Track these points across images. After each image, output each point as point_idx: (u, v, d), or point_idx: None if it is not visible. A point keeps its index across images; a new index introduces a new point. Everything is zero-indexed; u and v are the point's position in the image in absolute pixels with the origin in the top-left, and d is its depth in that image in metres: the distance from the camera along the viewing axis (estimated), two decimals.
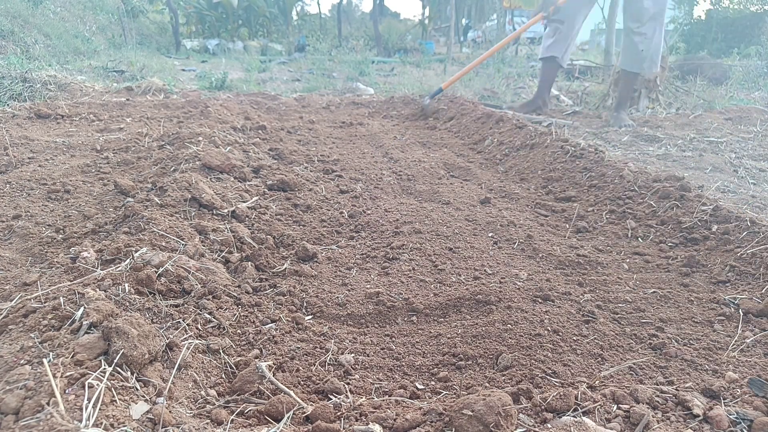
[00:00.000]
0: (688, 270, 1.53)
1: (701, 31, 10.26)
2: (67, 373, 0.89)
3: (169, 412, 0.88)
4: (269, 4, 14.69)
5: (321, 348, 1.15)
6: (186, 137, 2.61)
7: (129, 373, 0.94)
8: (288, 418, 0.90)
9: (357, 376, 1.06)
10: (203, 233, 1.58)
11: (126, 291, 1.18)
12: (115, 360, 0.94)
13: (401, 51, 12.54)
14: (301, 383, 1.03)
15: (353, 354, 1.13)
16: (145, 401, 0.91)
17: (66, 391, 0.86)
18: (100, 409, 0.82)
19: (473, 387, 1.00)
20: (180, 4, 12.89)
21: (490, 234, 1.83)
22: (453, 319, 1.28)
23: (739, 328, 1.20)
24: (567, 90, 6.02)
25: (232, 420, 0.90)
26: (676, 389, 0.94)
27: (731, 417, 0.86)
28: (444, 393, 1.00)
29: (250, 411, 0.93)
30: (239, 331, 1.19)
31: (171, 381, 0.97)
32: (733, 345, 1.13)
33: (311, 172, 2.58)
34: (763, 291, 1.34)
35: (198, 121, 3.23)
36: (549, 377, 1.02)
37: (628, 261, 1.62)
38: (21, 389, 0.84)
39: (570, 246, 1.73)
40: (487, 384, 1.01)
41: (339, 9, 14.70)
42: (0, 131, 2.90)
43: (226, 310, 1.25)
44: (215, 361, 1.08)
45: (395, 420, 0.87)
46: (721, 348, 1.13)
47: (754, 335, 1.17)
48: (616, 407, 0.89)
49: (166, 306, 1.17)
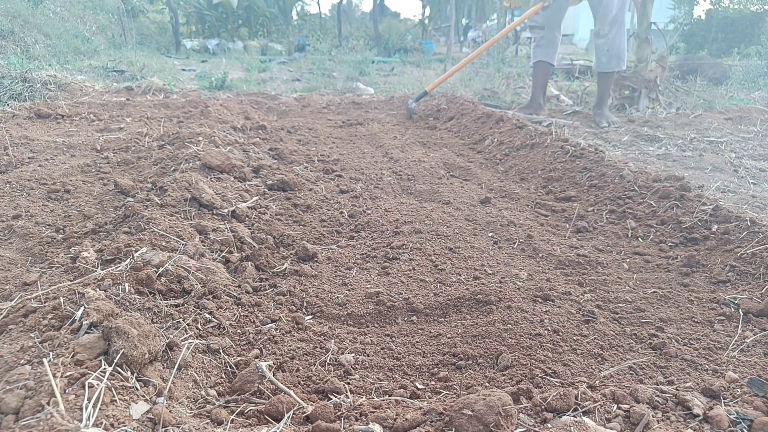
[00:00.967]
0: (688, 270, 1.53)
1: (701, 31, 10.26)
2: (67, 373, 0.89)
3: (169, 411, 0.88)
4: (269, 3, 14.69)
5: (321, 348, 1.15)
6: (186, 137, 2.61)
7: (129, 373, 0.94)
8: (288, 417, 0.90)
9: (357, 375, 1.06)
10: (203, 233, 1.58)
11: (126, 291, 1.18)
12: (115, 360, 0.94)
13: (401, 51, 12.54)
14: (301, 383, 1.03)
15: (353, 354, 1.13)
16: (145, 401, 0.91)
17: (66, 391, 0.86)
18: (100, 409, 0.82)
19: (473, 387, 1.00)
20: (180, 3, 12.89)
21: (490, 234, 1.83)
22: (453, 319, 1.28)
23: (739, 327, 1.20)
24: (567, 90, 6.02)
25: (232, 420, 0.90)
26: (676, 389, 0.94)
27: (731, 417, 0.86)
28: (444, 393, 1.00)
29: (250, 411, 0.93)
30: (239, 331, 1.19)
31: (171, 381, 0.97)
32: (733, 345, 1.13)
33: (311, 171, 2.58)
34: (763, 291, 1.34)
35: (198, 121, 3.23)
36: (549, 377, 1.02)
37: (628, 261, 1.62)
38: (21, 389, 0.84)
39: (570, 246, 1.73)
40: (487, 384, 1.01)
41: (339, 9, 14.69)
42: (0, 131, 2.90)
43: (226, 309, 1.25)
44: (215, 361, 1.08)
45: (395, 420, 0.87)
46: (721, 348, 1.13)
47: (754, 335, 1.17)
48: (616, 407, 0.89)
49: (166, 306, 1.17)
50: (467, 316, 1.28)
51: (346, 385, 1.01)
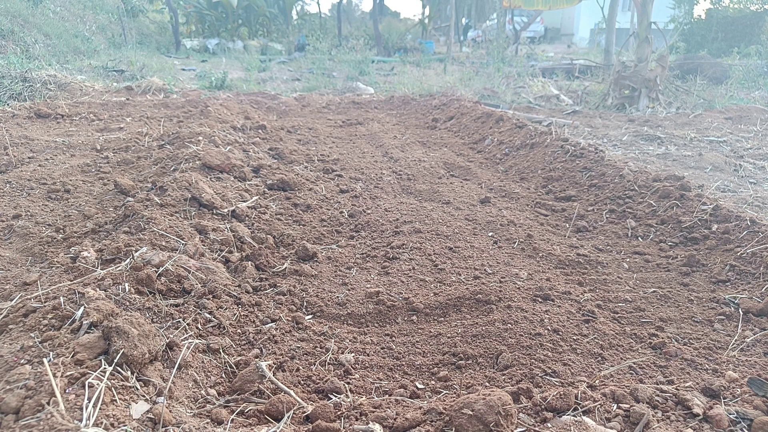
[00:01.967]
0: (688, 269, 1.53)
1: (701, 31, 10.25)
2: (68, 373, 0.89)
3: (170, 411, 0.88)
4: (269, 3, 14.68)
5: (321, 347, 1.15)
6: (186, 137, 2.61)
7: (129, 373, 0.94)
8: (288, 417, 0.90)
9: (357, 375, 1.05)
10: (203, 233, 1.57)
11: (126, 290, 1.17)
12: (116, 359, 0.94)
13: (401, 50, 12.52)
14: (302, 383, 1.03)
15: (353, 353, 1.13)
16: (146, 401, 0.91)
17: (66, 391, 0.86)
18: (100, 409, 0.82)
19: (473, 386, 1.00)
20: (180, 3, 12.88)
21: (490, 233, 1.84)
22: (453, 319, 1.28)
23: (739, 327, 1.20)
24: (567, 89, 6.02)
25: (232, 419, 0.90)
26: (676, 388, 0.94)
27: (731, 416, 0.86)
28: (444, 392, 0.99)
29: (250, 410, 0.93)
30: (239, 331, 1.19)
31: (171, 380, 0.97)
32: (733, 344, 1.13)
33: (311, 171, 2.57)
34: (763, 290, 1.34)
35: (198, 121, 3.22)
36: (549, 376, 1.01)
37: (628, 260, 1.62)
38: (21, 389, 0.84)
39: (570, 245, 1.73)
40: (487, 383, 1.01)
41: (339, 8, 14.68)
42: (0, 131, 2.89)
43: (226, 309, 1.25)
44: (215, 361, 1.07)
45: (395, 419, 0.87)
46: (721, 347, 1.13)
47: (754, 334, 1.17)
48: (616, 406, 0.89)
49: (166, 305, 1.17)
50: (467, 315, 1.28)
51: (346, 385, 1.01)
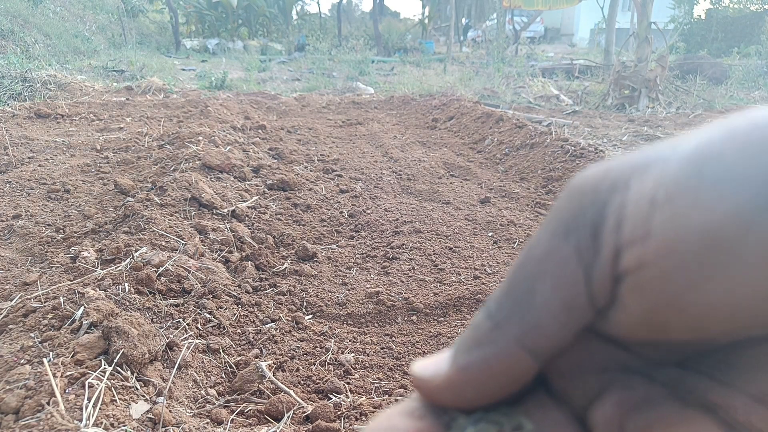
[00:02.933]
0: None
1: (701, 31, 10.26)
2: (67, 373, 0.90)
3: (169, 411, 0.88)
4: (269, 3, 14.69)
5: (321, 347, 1.15)
6: (186, 137, 2.61)
7: (129, 373, 0.95)
8: (288, 417, 0.90)
9: (357, 375, 1.06)
10: (203, 233, 1.58)
11: (126, 290, 1.18)
12: (115, 360, 0.94)
13: (401, 50, 12.53)
14: (301, 383, 1.03)
15: (353, 353, 1.13)
16: (145, 401, 0.91)
17: (66, 391, 0.86)
18: (100, 409, 0.82)
19: None
20: (180, 3, 12.89)
21: (490, 233, 1.84)
22: (453, 319, 1.28)
23: None
24: (567, 89, 6.02)
25: (232, 419, 0.91)
26: None
27: None
28: None
29: (250, 410, 0.94)
30: (239, 331, 1.19)
31: (171, 381, 0.97)
32: None
33: (311, 171, 2.58)
34: None
35: (198, 121, 3.23)
36: None
37: None
38: (21, 389, 0.85)
39: None
40: None
41: (339, 8, 14.69)
42: (0, 131, 2.89)
43: (226, 309, 1.25)
44: (215, 361, 1.08)
45: None
46: None
47: None
48: None
49: (166, 305, 1.18)
50: (467, 315, 1.29)
51: (346, 385, 1.01)
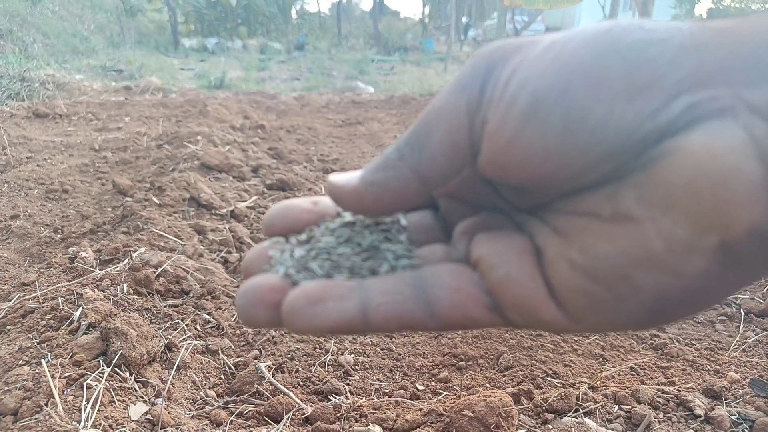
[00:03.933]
0: None
1: None
2: (66, 374, 0.89)
3: (168, 413, 0.88)
4: (268, 2, 14.67)
5: (320, 348, 1.15)
6: (185, 136, 2.60)
7: (128, 374, 0.94)
8: (288, 419, 0.90)
9: (357, 376, 1.05)
10: (202, 233, 1.57)
11: (124, 291, 1.17)
12: (114, 361, 0.94)
13: (401, 49, 12.51)
14: (301, 384, 1.02)
15: (353, 354, 1.13)
16: (144, 402, 0.91)
17: (64, 392, 0.86)
18: (98, 410, 0.82)
19: (474, 388, 0.99)
20: (179, 2, 12.87)
21: None
22: None
23: (741, 328, 1.20)
24: None
25: (231, 421, 0.90)
26: (677, 390, 0.94)
27: (733, 417, 0.86)
28: (444, 394, 0.99)
29: (249, 412, 0.93)
30: (238, 332, 1.19)
31: (170, 382, 0.97)
32: (735, 345, 1.13)
33: (311, 171, 2.57)
34: (765, 291, 1.33)
35: (197, 121, 3.22)
36: (550, 378, 1.01)
37: None
38: (20, 390, 0.84)
39: None
40: (488, 385, 1.01)
41: (338, 7, 14.67)
42: None
43: (225, 310, 1.24)
44: (214, 362, 1.07)
45: (395, 421, 0.87)
46: (723, 348, 1.12)
47: (755, 335, 1.16)
48: (617, 408, 0.89)
49: (164, 306, 1.17)
50: None
51: (345, 386, 1.00)
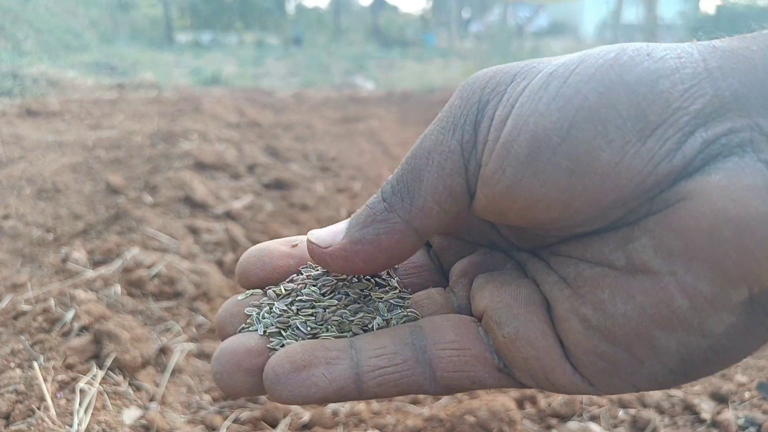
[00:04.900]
0: None
1: (709, 26, 10.25)
2: (58, 377, 0.89)
3: (162, 417, 0.87)
4: None
5: None
6: (179, 134, 2.58)
7: (121, 378, 0.94)
8: (285, 424, 0.89)
9: None
10: (196, 233, 1.55)
11: (117, 293, 1.16)
12: (107, 364, 0.93)
13: (401, 45, 12.44)
14: None
15: None
16: (138, 406, 0.90)
17: (57, 396, 0.86)
18: (91, 414, 0.81)
19: (476, 392, 0.98)
20: None
21: None
22: None
23: None
24: None
25: (227, 426, 0.89)
26: (683, 393, 0.93)
27: (739, 422, 0.86)
28: (446, 398, 0.98)
29: (245, 417, 0.92)
30: None
31: (164, 386, 0.96)
32: None
33: (308, 170, 2.55)
34: None
35: (191, 118, 3.19)
36: None
37: None
38: (11, 393, 0.84)
39: None
40: (491, 389, 0.99)
41: (337, 1, 14.58)
42: None
43: None
44: (209, 366, 1.05)
45: (395, 426, 0.86)
46: None
47: None
48: (622, 412, 0.89)
49: (158, 308, 1.15)
50: None
51: None
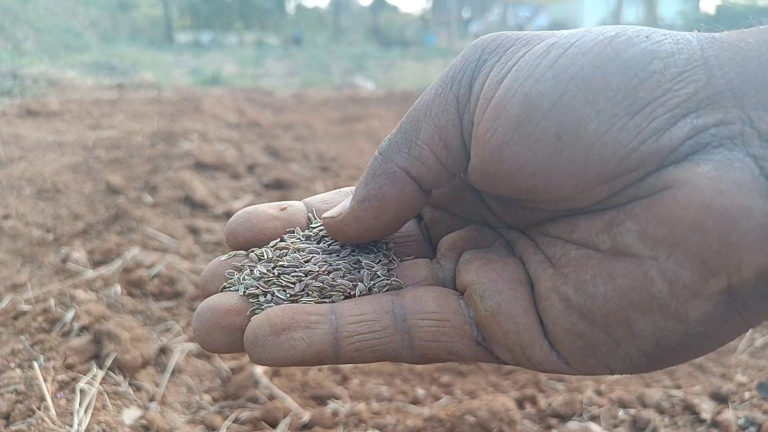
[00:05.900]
0: None
1: (709, 25, 10.22)
2: (58, 377, 0.89)
3: (162, 417, 0.87)
4: None
5: None
6: (179, 134, 2.58)
7: (121, 378, 0.94)
8: (285, 424, 0.89)
9: (356, 381, 1.03)
10: (196, 233, 1.55)
11: (117, 293, 1.16)
12: (107, 364, 0.93)
13: (401, 44, 12.41)
14: (298, 388, 1.00)
15: None
16: (138, 406, 0.90)
17: (57, 396, 0.86)
18: (92, 415, 0.81)
19: (476, 392, 0.98)
20: None
21: None
22: None
23: (748, 330, 1.19)
24: None
25: (227, 426, 0.89)
26: (684, 393, 0.93)
27: (739, 422, 0.86)
28: (446, 398, 0.97)
29: (245, 417, 0.92)
30: None
31: (164, 386, 0.96)
32: (742, 348, 1.12)
33: (308, 170, 2.54)
34: None
35: (191, 118, 3.19)
36: (554, 382, 1.00)
37: None
38: (12, 393, 0.84)
39: None
40: (491, 389, 0.99)
41: (337, 1, 14.58)
42: None
43: None
44: (209, 365, 1.05)
45: (395, 426, 0.86)
46: (730, 351, 1.11)
47: (763, 338, 1.15)
48: (622, 412, 0.88)
49: (158, 308, 1.15)
50: None
51: (344, 391, 0.99)
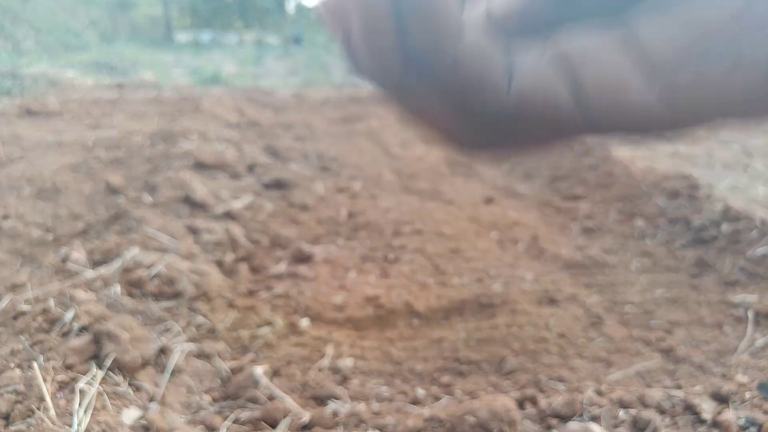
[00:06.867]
0: (697, 271, 1.50)
1: None
2: (58, 378, 0.89)
3: (162, 417, 0.87)
4: None
5: (318, 352, 1.13)
6: (178, 134, 2.57)
7: (121, 378, 0.94)
8: (285, 425, 0.88)
9: (356, 381, 1.03)
10: (196, 233, 1.55)
11: (117, 293, 1.16)
12: (107, 364, 0.93)
13: None
14: (298, 389, 1.00)
15: (352, 359, 1.11)
16: (138, 407, 0.90)
17: (56, 396, 0.85)
18: (91, 415, 0.81)
19: (476, 392, 0.97)
20: None
21: (494, 234, 1.80)
22: (455, 323, 1.25)
23: (749, 330, 1.18)
24: None
25: (227, 426, 0.88)
26: (684, 393, 0.93)
27: (740, 422, 0.85)
28: (446, 399, 0.97)
29: (245, 417, 0.92)
30: (233, 335, 1.16)
31: (164, 386, 0.95)
32: (743, 348, 1.11)
33: (308, 169, 2.54)
34: None
35: (191, 118, 3.18)
36: (555, 382, 0.99)
37: (636, 262, 1.59)
38: (11, 393, 0.84)
39: (577, 246, 1.70)
40: (491, 389, 0.99)
41: None
42: None
43: (219, 312, 1.22)
44: (209, 366, 1.05)
45: (395, 427, 0.86)
46: (731, 351, 1.11)
47: (764, 337, 1.15)
48: (623, 412, 0.88)
49: (158, 308, 1.15)
50: (470, 319, 1.26)
51: (344, 391, 0.98)
